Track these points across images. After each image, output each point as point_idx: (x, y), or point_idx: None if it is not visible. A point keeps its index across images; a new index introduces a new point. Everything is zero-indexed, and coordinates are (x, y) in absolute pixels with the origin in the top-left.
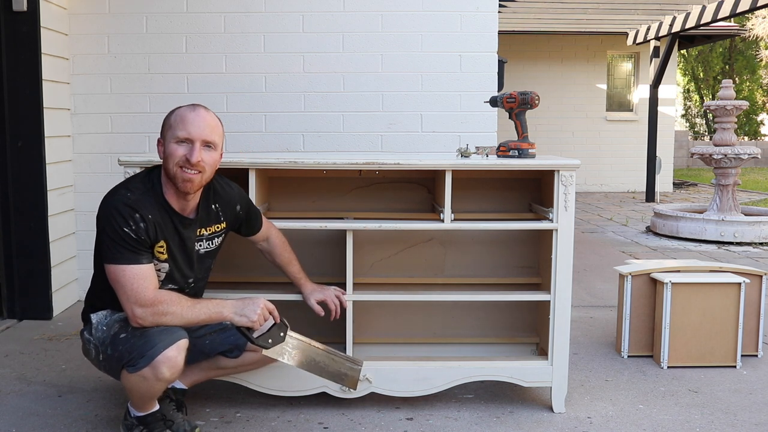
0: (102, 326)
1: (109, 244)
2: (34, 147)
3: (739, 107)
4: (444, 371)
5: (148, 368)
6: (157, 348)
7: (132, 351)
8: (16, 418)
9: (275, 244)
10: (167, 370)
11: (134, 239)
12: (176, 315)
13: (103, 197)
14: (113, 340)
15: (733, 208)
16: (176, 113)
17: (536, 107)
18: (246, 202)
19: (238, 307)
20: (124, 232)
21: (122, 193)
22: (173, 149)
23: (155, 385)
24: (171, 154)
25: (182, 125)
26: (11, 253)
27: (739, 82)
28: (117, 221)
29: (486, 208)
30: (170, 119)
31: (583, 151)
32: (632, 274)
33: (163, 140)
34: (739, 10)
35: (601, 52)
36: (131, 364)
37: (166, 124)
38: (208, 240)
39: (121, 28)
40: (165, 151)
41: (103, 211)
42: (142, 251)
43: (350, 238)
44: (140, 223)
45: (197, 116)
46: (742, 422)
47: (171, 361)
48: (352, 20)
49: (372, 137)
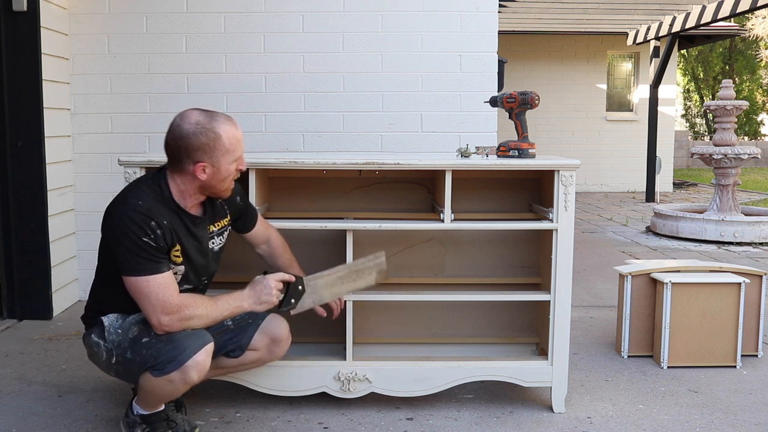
0: (116, 329)
1: (128, 256)
2: (34, 147)
3: (739, 107)
4: (444, 371)
5: (177, 372)
6: (187, 353)
7: (159, 355)
8: (16, 418)
9: (276, 246)
10: (196, 374)
11: (154, 248)
12: (202, 317)
13: (110, 207)
14: (133, 344)
15: (733, 208)
16: (227, 136)
17: (536, 107)
18: (243, 193)
19: (254, 297)
20: (144, 242)
21: (132, 201)
22: (231, 170)
23: (181, 388)
24: (228, 174)
25: (239, 145)
26: (11, 253)
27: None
28: (135, 232)
29: (486, 208)
30: (224, 144)
31: (583, 151)
32: (632, 274)
33: (214, 163)
34: (739, 10)
35: (601, 52)
36: (158, 368)
37: (220, 150)
38: (219, 235)
39: (121, 28)
40: (218, 172)
41: (115, 223)
42: (161, 259)
43: (350, 238)
44: (157, 231)
45: (240, 131)
46: (742, 422)
47: (200, 365)
48: (352, 20)
49: (372, 137)
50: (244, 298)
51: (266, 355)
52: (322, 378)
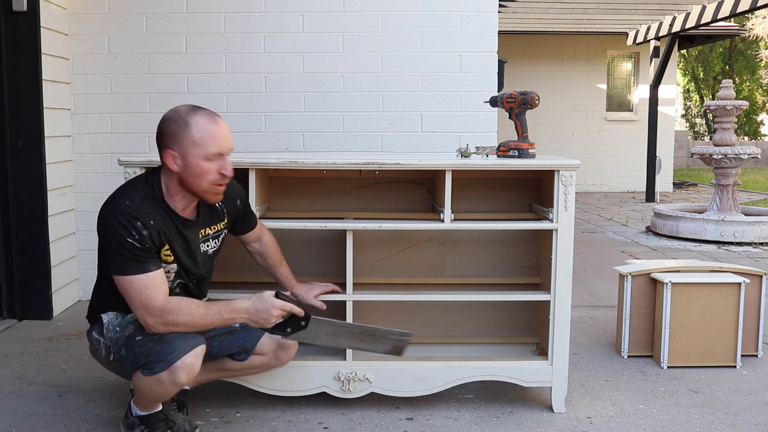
0: (114, 327)
1: (115, 256)
2: (34, 147)
3: (739, 107)
4: (444, 371)
5: (166, 372)
6: (176, 354)
7: (149, 354)
8: (16, 418)
9: (267, 244)
10: (185, 376)
11: (139, 248)
12: (188, 324)
13: (102, 206)
14: (128, 342)
15: (733, 208)
16: (197, 127)
17: (536, 107)
18: (244, 195)
19: (252, 315)
20: (128, 242)
21: (121, 202)
22: (205, 168)
23: (170, 389)
24: (203, 172)
25: (212, 141)
26: (11, 253)
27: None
28: (119, 232)
29: (486, 208)
30: (192, 134)
31: (583, 151)
32: (632, 274)
33: (182, 154)
34: (739, 10)
35: (601, 52)
36: (148, 367)
37: (187, 139)
38: (214, 238)
39: (121, 28)
40: (189, 167)
41: (103, 223)
42: (148, 259)
43: (350, 238)
44: (143, 231)
45: (221, 128)
46: (742, 422)
47: (189, 367)
48: (352, 20)
49: (372, 137)
50: (239, 312)
51: (272, 361)
52: (322, 378)
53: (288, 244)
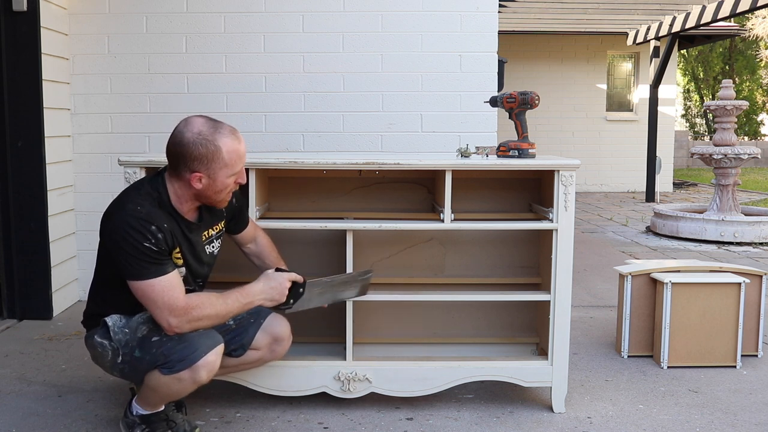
0: (121, 328)
1: (131, 262)
2: (34, 147)
3: (739, 107)
4: (444, 371)
5: (187, 371)
6: (199, 352)
7: (169, 354)
8: (16, 418)
9: (263, 245)
10: (206, 374)
11: (156, 251)
12: (212, 317)
13: (108, 212)
14: (142, 343)
15: (733, 208)
16: (227, 150)
17: (536, 107)
18: (239, 193)
19: (267, 293)
20: (145, 246)
21: (130, 207)
22: (228, 183)
23: (189, 387)
24: (226, 186)
25: (239, 160)
26: (11, 253)
27: (739, 82)
28: (135, 237)
29: (486, 208)
30: (223, 158)
31: (583, 151)
32: (632, 274)
33: (210, 175)
34: (739, 10)
35: (601, 52)
36: (168, 366)
37: (218, 162)
38: (217, 239)
39: (121, 28)
40: (214, 184)
41: (115, 230)
42: (165, 261)
43: (350, 238)
44: (158, 234)
45: (243, 144)
46: (742, 422)
47: (210, 365)
48: (352, 20)
49: (372, 137)
50: (255, 294)
51: (268, 355)
52: (322, 378)
53: (288, 244)
